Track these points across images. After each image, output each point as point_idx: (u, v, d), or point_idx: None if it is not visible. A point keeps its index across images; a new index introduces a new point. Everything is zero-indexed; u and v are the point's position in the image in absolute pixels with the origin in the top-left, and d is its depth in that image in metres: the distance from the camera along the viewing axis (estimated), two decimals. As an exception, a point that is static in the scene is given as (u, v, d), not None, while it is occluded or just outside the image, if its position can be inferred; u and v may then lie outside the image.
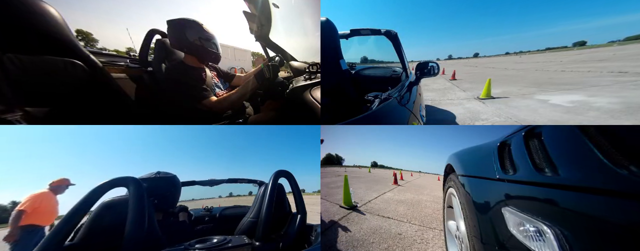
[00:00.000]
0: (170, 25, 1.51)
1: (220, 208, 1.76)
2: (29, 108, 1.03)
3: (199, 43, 1.53)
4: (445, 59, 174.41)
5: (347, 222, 2.22)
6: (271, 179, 1.01)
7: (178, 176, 1.21)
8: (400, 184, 6.13)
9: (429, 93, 6.14)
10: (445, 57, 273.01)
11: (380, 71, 2.58)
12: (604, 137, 0.38)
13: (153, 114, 1.81)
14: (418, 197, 3.95)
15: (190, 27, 1.51)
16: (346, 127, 0.96)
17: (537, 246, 0.45)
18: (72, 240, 0.75)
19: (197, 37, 1.52)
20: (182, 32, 1.49)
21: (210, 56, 1.63)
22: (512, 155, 0.65)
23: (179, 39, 1.51)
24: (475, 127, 4.14)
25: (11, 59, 0.99)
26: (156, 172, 1.14)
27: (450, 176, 1.18)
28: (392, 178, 6.85)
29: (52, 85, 1.12)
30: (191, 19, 1.53)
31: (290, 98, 1.49)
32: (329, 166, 18.39)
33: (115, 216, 0.77)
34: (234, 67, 18.02)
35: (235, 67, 18.46)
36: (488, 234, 0.67)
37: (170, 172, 1.18)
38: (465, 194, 0.88)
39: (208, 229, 1.53)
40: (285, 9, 1.96)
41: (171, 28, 1.51)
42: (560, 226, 0.41)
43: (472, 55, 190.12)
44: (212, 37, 1.60)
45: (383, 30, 2.01)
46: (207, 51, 1.58)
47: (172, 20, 1.51)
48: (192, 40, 1.51)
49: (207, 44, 1.56)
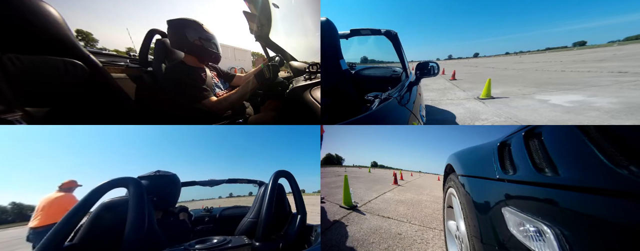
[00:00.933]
0: (170, 25, 1.51)
1: (220, 209, 1.76)
2: (29, 108, 1.03)
3: (199, 43, 1.53)
4: (445, 59, 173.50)
5: (348, 222, 2.22)
6: (271, 179, 1.01)
7: (178, 176, 1.21)
8: (400, 184, 6.13)
9: (429, 93, 6.13)
10: (445, 57, 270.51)
11: (380, 71, 2.58)
12: (604, 137, 0.38)
13: (153, 114, 1.81)
14: (418, 197, 3.95)
15: (190, 27, 1.50)
16: (346, 127, 0.96)
17: (537, 246, 0.45)
18: (71, 241, 0.75)
19: (197, 37, 1.52)
20: (182, 32, 1.49)
21: (210, 56, 1.63)
22: (512, 155, 0.65)
23: (179, 39, 1.51)
24: (475, 127, 4.14)
25: (11, 59, 0.99)
26: (156, 170, 1.14)
27: (450, 176, 1.18)
28: (392, 178, 6.85)
29: (52, 85, 1.11)
30: (191, 19, 1.53)
31: (290, 98, 1.49)
32: (328, 166, 18.34)
33: (115, 217, 0.77)
34: (234, 67, 18.02)
35: (235, 67, 18.47)
36: (488, 234, 0.67)
37: (170, 171, 1.18)
38: (465, 194, 0.88)
39: (208, 229, 1.53)
40: (285, 9, 1.97)
41: (171, 28, 1.51)
42: (560, 226, 0.41)
43: (472, 55, 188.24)
44: (212, 37, 1.60)
45: (383, 30, 2.01)
46: (207, 51, 1.58)
47: (172, 20, 1.51)
48: (192, 40, 1.51)
49: (207, 44, 1.56)
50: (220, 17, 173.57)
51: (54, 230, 0.64)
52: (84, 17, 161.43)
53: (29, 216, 2.06)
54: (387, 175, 10.29)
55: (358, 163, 30.51)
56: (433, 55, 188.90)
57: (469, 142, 1.35)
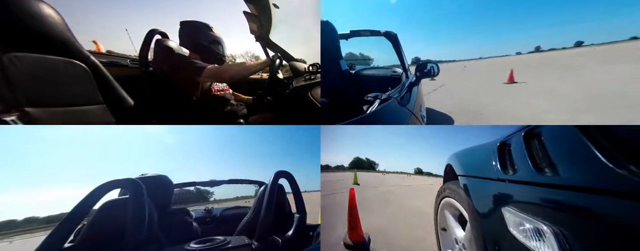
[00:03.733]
0: (182, 26, 1.64)
1: (221, 209, 1.76)
2: (28, 109, 1.03)
3: (206, 44, 1.64)
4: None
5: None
6: (271, 180, 1.01)
7: (178, 176, 1.21)
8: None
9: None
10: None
11: (380, 71, 2.58)
12: (604, 137, 0.38)
13: (153, 114, 1.81)
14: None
15: (200, 29, 1.64)
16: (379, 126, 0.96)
17: (537, 246, 0.45)
18: (72, 242, 0.75)
19: (205, 38, 1.63)
20: (192, 33, 1.62)
21: (215, 57, 1.70)
22: (512, 155, 0.65)
23: (189, 38, 1.64)
24: (475, 127, 4.11)
25: (11, 59, 0.99)
26: (140, 174, 1.09)
27: (446, 184, 1.13)
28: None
29: (52, 85, 1.11)
30: (203, 22, 1.67)
31: (290, 98, 1.49)
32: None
33: (114, 218, 0.77)
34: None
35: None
36: (488, 234, 0.67)
37: (160, 173, 1.15)
38: (465, 194, 0.88)
39: (208, 229, 1.53)
40: (285, 9, 1.97)
41: (183, 28, 1.63)
42: (560, 226, 0.41)
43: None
44: (220, 41, 1.72)
45: (383, 31, 2.01)
46: (212, 52, 1.67)
47: (185, 21, 1.64)
48: (202, 41, 1.63)
49: (214, 46, 1.67)
50: (220, 17, 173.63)
51: (54, 231, 0.64)
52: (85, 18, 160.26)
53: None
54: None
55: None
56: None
57: (469, 142, 1.32)
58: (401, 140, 68.99)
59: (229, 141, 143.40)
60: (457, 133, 15.25)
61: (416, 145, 73.06)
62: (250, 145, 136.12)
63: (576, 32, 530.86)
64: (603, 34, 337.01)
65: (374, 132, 56.71)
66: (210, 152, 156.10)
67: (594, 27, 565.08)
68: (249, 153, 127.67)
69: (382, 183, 6.80)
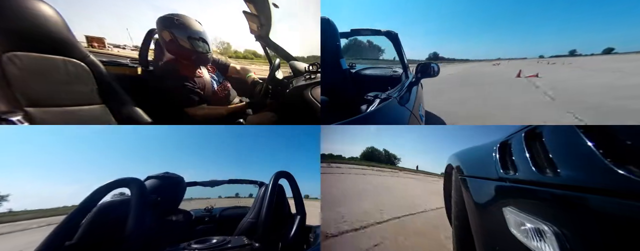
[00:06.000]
0: (157, 25, 1.49)
1: (220, 209, 1.76)
2: (29, 109, 1.03)
3: (188, 44, 1.49)
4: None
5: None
6: (271, 180, 1.01)
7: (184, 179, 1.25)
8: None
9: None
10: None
11: (380, 71, 2.58)
12: (604, 137, 0.38)
13: (152, 114, 1.80)
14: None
15: (176, 27, 1.45)
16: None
17: (538, 247, 0.45)
18: (72, 240, 0.75)
19: (185, 36, 1.48)
20: (168, 34, 1.46)
21: (200, 59, 1.59)
22: (512, 155, 0.65)
23: (166, 43, 1.51)
24: (475, 127, 4.13)
25: (11, 59, 0.99)
26: (164, 172, 1.17)
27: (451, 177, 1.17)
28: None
29: (52, 85, 1.11)
30: (177, 14, 1.48)
31: (290, 98, 1.49)
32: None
33: (115, 217, 0.77)
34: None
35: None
36: (489, 234, 0.67)
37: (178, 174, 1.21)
38: (466, 194, 0.88)
39: (208, 229, 1.52)
40: (285, 8, 1.97)
41: (158, 28, 1.50)
42: (561, 226, 0.41)
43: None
44: (201, 34, 1.54)
45: (383, 30, 2.01)
46: (195, 53, 1.53)
47: (159, 17, 1.49)
48: (181, 42, 1.47)
49: (195, 43, 1.51)
50: (219, 16, 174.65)
51: (56, 230, 0.64)
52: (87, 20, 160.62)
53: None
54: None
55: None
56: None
57: (469, 142, 1.32)
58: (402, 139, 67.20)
59: (228, 141, 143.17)
60: (457, 133, 15.16)
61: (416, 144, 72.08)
62: (251, 145, 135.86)
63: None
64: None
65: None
66: (210, 152, 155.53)
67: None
68: (249, 153, 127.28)
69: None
